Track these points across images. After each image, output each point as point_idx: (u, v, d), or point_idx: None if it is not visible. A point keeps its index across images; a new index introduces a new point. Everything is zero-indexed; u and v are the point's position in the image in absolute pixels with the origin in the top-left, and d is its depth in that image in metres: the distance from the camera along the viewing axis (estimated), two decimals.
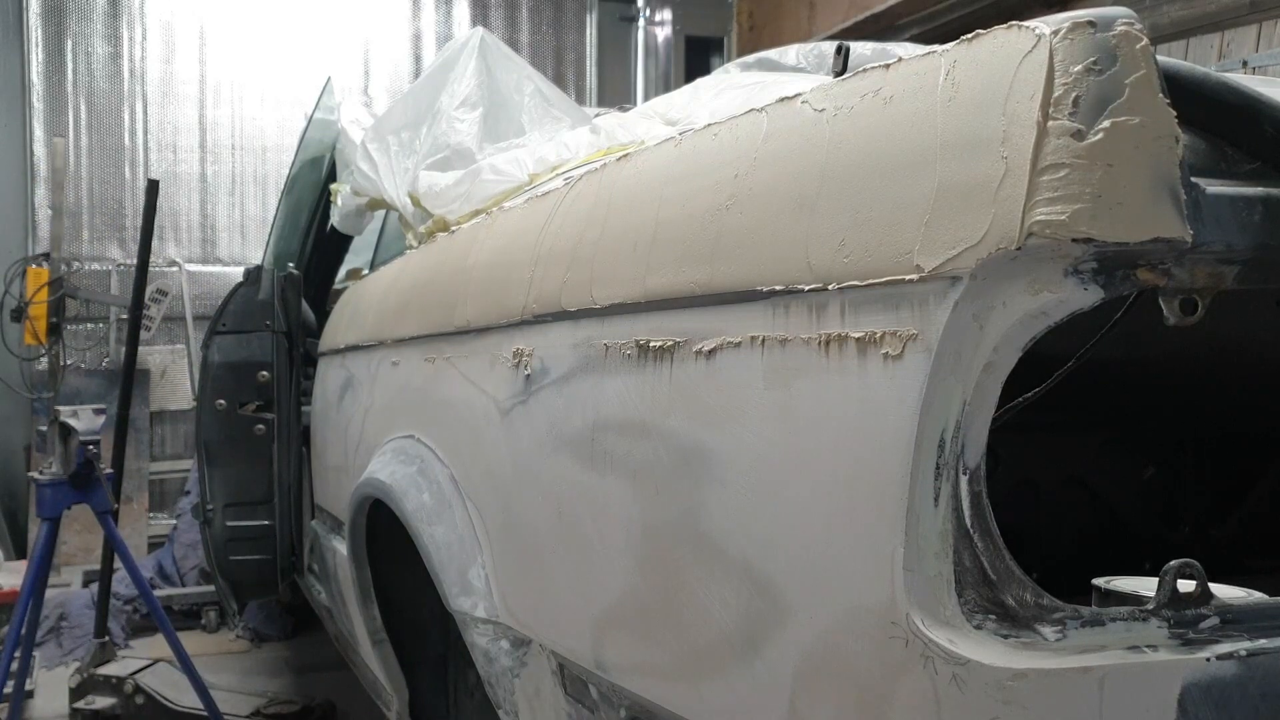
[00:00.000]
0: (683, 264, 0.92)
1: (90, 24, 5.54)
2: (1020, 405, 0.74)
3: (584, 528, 1.07)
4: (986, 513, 0.67)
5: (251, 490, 3.11)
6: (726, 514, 0.85)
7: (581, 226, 1.15)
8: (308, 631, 4.08)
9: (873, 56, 1.95)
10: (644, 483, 0.97)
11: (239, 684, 3.53)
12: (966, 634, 0.66)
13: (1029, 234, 0.63)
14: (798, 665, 0.76)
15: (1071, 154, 0.63)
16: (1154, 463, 1.50)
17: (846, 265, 0.74)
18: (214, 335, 2.85)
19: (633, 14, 6.44)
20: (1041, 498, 1.43)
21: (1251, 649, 0.66)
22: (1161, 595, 0.68)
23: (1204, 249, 0.66)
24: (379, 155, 2.51)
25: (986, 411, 0.68)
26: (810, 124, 0.82)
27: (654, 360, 0.96)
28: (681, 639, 0.91)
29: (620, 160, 1.16)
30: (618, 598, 1.02)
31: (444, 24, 6.17)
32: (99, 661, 3.24)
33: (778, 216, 0.82)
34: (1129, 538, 1.47)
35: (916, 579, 0.67)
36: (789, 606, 0.77)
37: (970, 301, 0.66)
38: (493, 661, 1.32)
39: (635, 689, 1.00)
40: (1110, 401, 1.38)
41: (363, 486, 1.78)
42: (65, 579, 4.45)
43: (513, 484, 1.24)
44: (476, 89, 2.44)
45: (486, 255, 1.46)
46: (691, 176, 0.96)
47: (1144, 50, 0.64)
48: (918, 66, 0.73)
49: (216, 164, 5.74)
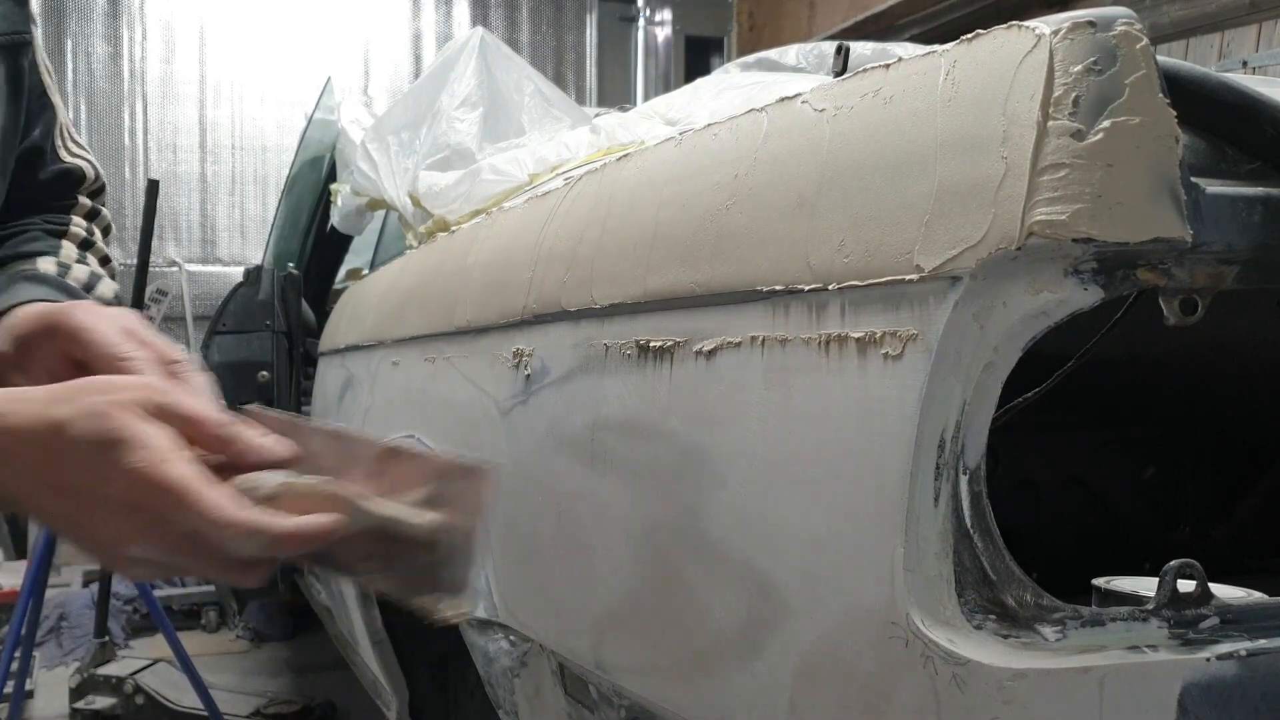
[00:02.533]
0: (683, 264, 0.92)
1: (90, 24, 5.55)
2: (1021, 405, 0.74)
3: (584, 527, 1.07)
4: (986, 513, 0.67)
5: None
6: (726, 514, 0.85)
7: (581, 226, 1.15)
8: (308, 631, 4.07)
9: (873, 56, 1.95)
10: (644, 483, 0.97)
11: (239, 684, 3.53)
12: (966, 634, 0.66)
13: (1029, 234, 0.63)
14: (797, 665, 0.76)
15: (1071, 154, 0.63)
16: (1154, 463, 1.50)
17: (846, 265, 0.74)
18: (214, 335, 2.85)
19: (633, 14, 6.44)
20: (1041, 498, 1.43)
21: (1252, 649, 0.66)
22: (1161, 595, 0.68)
23: (1204, 249, 0.66)
24: (379, 155, 2.51)
25: (987, 411, 0.68)
26: (810, 124, 0.82)
27: (654, 360, 0.96)
28: (681, 639, 0.91)
29: (620, 160, 1.16)
30: (618, 598, 1.02)
31: (444, 24, 6.17)
32: (99, 661, 3.24)
33: (778, 216, 0.82)
34: (1129, 538, 1.47)
35: (916, 579, 0.67)
36: (789, 606, 0.77)
37: (970, 301, 0.66)
38: (492, 662, 1.32)
39: (635, 689, 1.00)
40: (1110, 401, 1.38)
41: None
42: (65, 579, 4.45)
43: (513, 484, 1.24)
44: (476, 89, 2.44)
45: (486, 255, 1.46)
46: (691, 176, 0.96)
47: (1144, 50, 0.64)
48: (918, 66, 0.73)
49: (216, 164, 5.74)
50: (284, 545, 0.62)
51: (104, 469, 0.61)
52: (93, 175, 1.04)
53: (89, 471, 0.61)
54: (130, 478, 0.60)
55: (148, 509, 0.61)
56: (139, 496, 0.61)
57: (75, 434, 0.61)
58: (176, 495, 0.60)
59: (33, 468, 0.62)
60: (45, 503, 0.63)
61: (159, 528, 0.62)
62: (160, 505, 0.61)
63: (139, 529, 0.62)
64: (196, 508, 0.60)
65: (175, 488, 0.61)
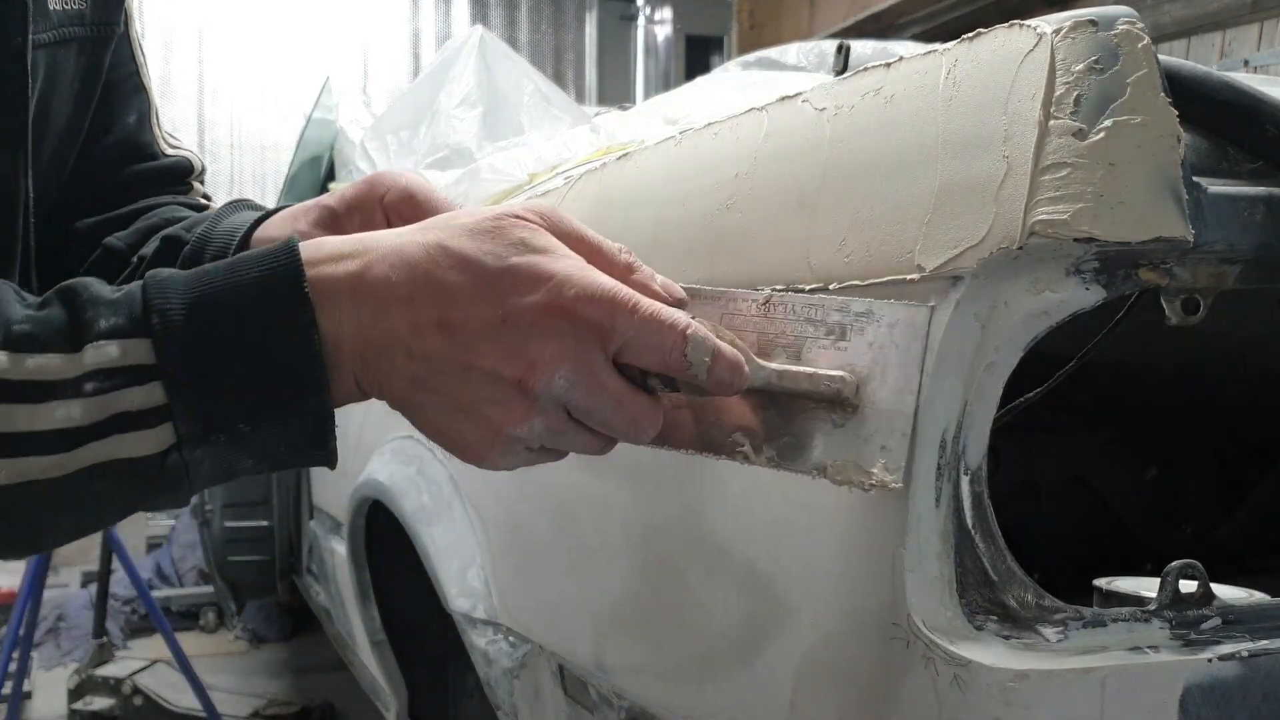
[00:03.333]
0: (683, 263, 0.92)
1: None
2: (1022, 405, 0.74)
3: (583, 528, 1.07)
4: (988, 513, 0.67)
5: (250, 491, 3.11)
6: (726, 514, 0.85)
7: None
8: (306, 632, 4.07)
9: (873, 55, 1.95)
10: (644, 483, 0.96)
11: (237, 685, 3.53)
12: (968, 635, 0.65)
13: (1030, 233, 0.62)
14: (798, 666, 0.76)
15: (1073, 153, 0.62)
16: (1156, 463, 1.49)
17: (847, 265, 0.74)
18: None
19: (632, 13, 6.44)
20: (1043, 498, 1.42)
21: (1254, 650, 0.66)
22: (1163, 596, 0.68)
23: (1206, 249, 0.66)
24: (378, 154, 2.51)
25: (988, 412, 0.67)
26: (811, 123, 0.82)
27: None
28: (681, 640, 0.91)
29: (620, 159, 1.15)
30: (617, 598, 1.01)
31: (443, 23, 6.17)
32: (97, 662, 3.24)
33: (778, 216, 0.82)
34: (1130, 538, 1.46)
35: (917, 580, 0.66)
36: (789, 608, 0.77)
37: (971, 301, 0.66)
38: (492, 663, 1.32)
39: (635, 690, 1.00)
40: (1112, 401, 1.38)
41: (362, 487, 1.78)
42: (63, 579, 4.45)
43: (512, 484, 1.24)
44: (476, 88, 2.44)
45: None
46: (691, 176, 0.96)
47: (1146, 49, 0.64)
48: (919, 65, 0.73)
49: (215, 163, 5.74)
50: (719, 367, 0.55)
51: (516, 282, 0.53)
52: (200, 166, 0.99)
53: (492, 291, 0.53)
54: (555, 288, 0.52)
55: (564, 330, 0.53)
56: (557, 313, 0.53)
57: (472, 250, 0.53)
58: (609, 300, 0.53)
59: (419, 302, 0.53)
60: (431, 347, 0.53)
61: (576, 357, 0.53)
62: (587, 316, 0.53)
63: (547, 361, 0.53)
64: (636, 311, 0.53)
65: (607, 292, 0.53)
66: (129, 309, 0.52)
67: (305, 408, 0.54)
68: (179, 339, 0.52)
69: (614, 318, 0.54)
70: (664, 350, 0.55)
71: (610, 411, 0.56)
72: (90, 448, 0.50)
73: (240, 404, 0.52)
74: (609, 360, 0.55)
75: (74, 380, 0.50)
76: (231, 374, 0.52)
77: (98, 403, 0.50)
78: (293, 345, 0.53)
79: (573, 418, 0.57)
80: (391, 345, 0.54)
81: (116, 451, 0.51)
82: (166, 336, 0.51)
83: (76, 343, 0.51)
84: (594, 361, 0.54)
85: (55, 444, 0.50)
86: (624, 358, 0.56)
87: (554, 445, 0.58)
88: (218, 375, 0.52)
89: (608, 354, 0.55)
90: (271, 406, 0.53)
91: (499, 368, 0.53)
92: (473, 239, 0.54)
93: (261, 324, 0.52)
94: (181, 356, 0.51)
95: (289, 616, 4.16)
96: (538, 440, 0.57)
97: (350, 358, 0.54)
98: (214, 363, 0.52)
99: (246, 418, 0.52)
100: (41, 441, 0.50)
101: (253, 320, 0.52)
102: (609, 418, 0.57)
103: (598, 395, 0.55)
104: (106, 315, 0.52)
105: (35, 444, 0.50)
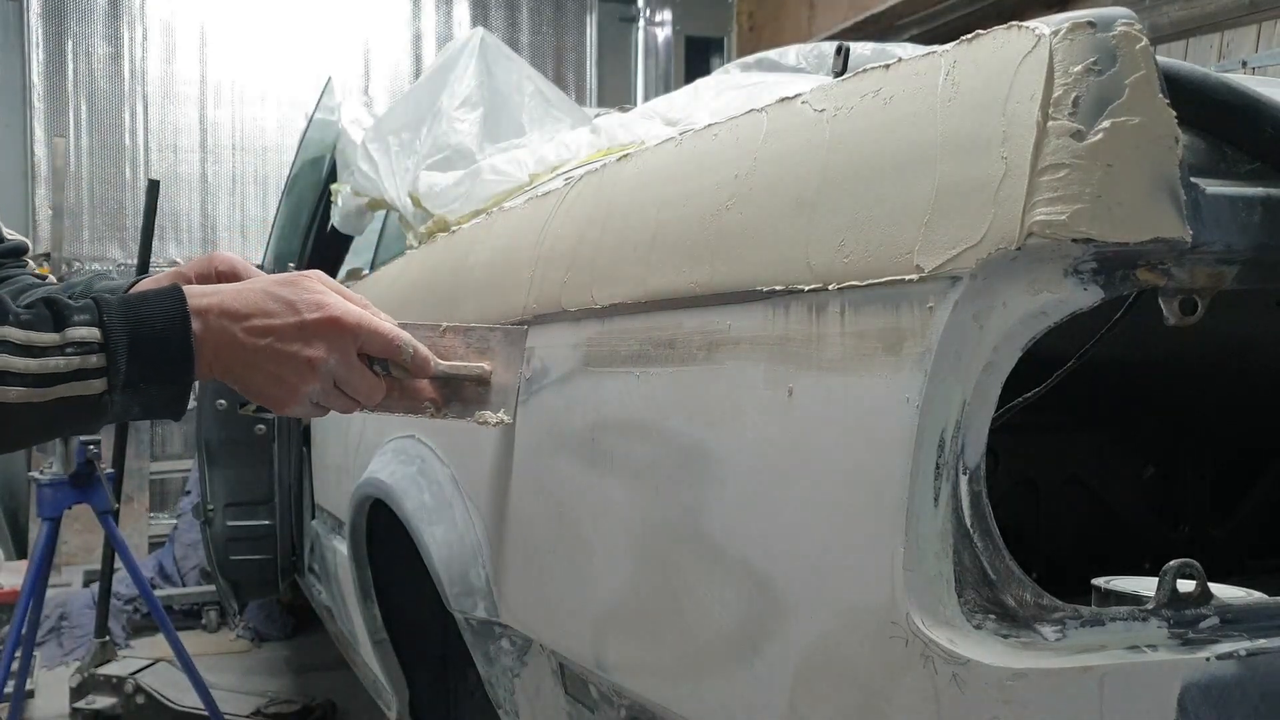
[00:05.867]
0: (683, 264, 0.92)
1: (90, 24, 5.55)
2: (1020, 405, 0.75)
3: (584, 527, 1.08)
4: (986, 512, 0.68)
5: (252, 490, 3.11)
6: (726, 514, 0.85)
7: (582, 227, 1.15)
8: (308, 631, 4.08)
9: (873, 57, 1.95)
10: (644, 483, 0.97)
11: (239, 684, 3.53)
12: (966, 634, 0.66)
13: (1029, 234, 0.63)
14: (798, 665, 0.76)
15: (1071, 154, 0.63)
16: (1154, 463, 1.50)
17: (846, 265, 0.74)
18: None
19: (633, 14, 6.44)
20: (1041, 498, 1.43)
21: (1251, 649, 0.66)
22: (1161, 595, 0.68)
23: (1204, 249, 0.66)
24: (379, 155, 2.51)
25: (986, 411, 0.68)
26: (810, 124, 0.82)
27: (654, 360, 0.96)
28: (682, 638, 0.91)
29: (620, 160, 1.16)
30: (618, 597, 1.02)
31: (444, 24, 6.17)
32: (99, 661, 3.25)
33: (778, 216, 0.82)
34: (1129, 538, 1.47)
35: (916, 579, 0.67)
36: (789, 606, 0.77)
37: (970, 301, 0.66)
38: (493, 661, 1.32)
39: (636, 688, 1.00)
40: (1110, 401, 1.38)
41: (363, 486, 1.78)
42: (66, 579, 4.45)
43: (513, 484, 1.25)
44: (477, 89, 2.44)
45: (486, 255, 1.46)
46: (691, 176, 0.96)
47: (1144, 50, 0.64)
48: (917, 67, 0.73)
49: (217, 164, 5.74)
50: (417, 357, 0.98)
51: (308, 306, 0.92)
52: (29, 245, 1.27)
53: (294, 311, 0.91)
54: (329, 310, 0.92)
55: (334, 333, 0.92)
56: (331, 324, 0.92)
57: (282, 291, 0.92)
58: (357, 316, 0.94)
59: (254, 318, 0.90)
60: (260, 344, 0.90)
61: (340, 350, 0.93)
62: (347, 325, 0.92)
63: (325, 351, 0.92)
64: (372, 323, 0.95)
65: (356, 312, 0.94)
66: (90, 311, 0.86)
67: (181, 379, 0.89)
68: (116, 331, 0.86)
69: (360, 327, 0.94)
70: (387, 345, 0.96)
71: (357, 382, 0.96)
72: (62, 386, 0.84)
73: (144, 372, 0.87)
74: (355, 353, 0.95)
75: (59, 347, 0.84)
76: (141, 355, 0.87)
77: (72, 360, 0.84)
78: (177, 342, 0.88)
79: (336, 386, 0.95)
80: (233, 343, 0.90)
81: (75, 390, 0.84)
82: (110, 329, 0.86)
83: (59, 327, 0.85)
84: (349, 352, 0.94)
85: (45, 381, 0.83)
86: (364, 350, 0.95)
87: (325, 404, 0.96)
88: (134, 355, 0.86)
89: (356, 349, 0.95)
90: (162, 375, 0.88)
91: (298, 353, 0.92)
92: (281, 286, 0.94)
93: (161, 328, 0.88)
94: (116, 341, 0.86)
95: (291, 615, 4.16)
96: (317, 398, 0.95)
97: (209, 350, 0.90)
98: (133, 347, 0.86)
99: (146, 380, 0.87)
100: (40, 380, 0.83)
101: (157, 325, 0.88)
102: (356, 386, 0.96)
103: (350, 372, 0.95)
104: (78, 314, 0.85)
105: (36, 381, 0.83)
